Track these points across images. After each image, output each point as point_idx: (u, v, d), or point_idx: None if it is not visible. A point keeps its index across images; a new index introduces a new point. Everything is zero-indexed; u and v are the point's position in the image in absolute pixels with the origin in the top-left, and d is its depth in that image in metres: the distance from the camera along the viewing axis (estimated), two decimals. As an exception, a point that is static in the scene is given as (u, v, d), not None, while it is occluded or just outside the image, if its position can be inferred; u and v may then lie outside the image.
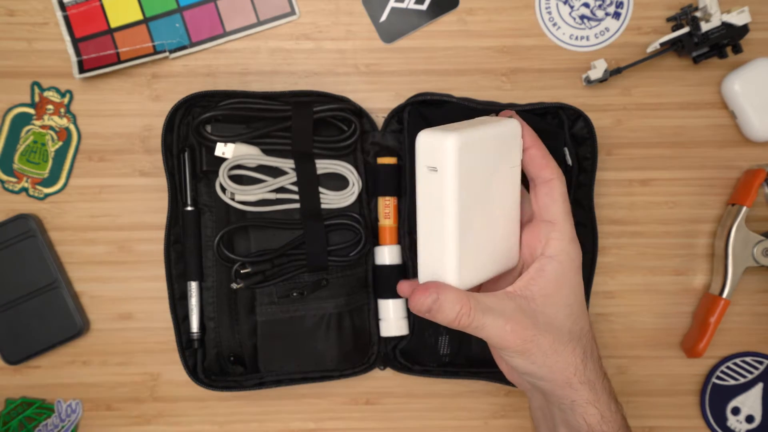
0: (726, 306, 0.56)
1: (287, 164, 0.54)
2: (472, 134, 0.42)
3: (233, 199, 0.53)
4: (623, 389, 0.59)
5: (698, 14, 0.55)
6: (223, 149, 0.53)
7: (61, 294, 0.56)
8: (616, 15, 0.58)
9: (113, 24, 0.56)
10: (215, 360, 0.56)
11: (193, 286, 0.55)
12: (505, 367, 0.51)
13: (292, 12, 0.58)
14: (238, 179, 0.54)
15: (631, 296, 0.59)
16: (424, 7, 0.58)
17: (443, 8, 0.58)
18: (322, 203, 0.54)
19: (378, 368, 0.58)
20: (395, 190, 0.56)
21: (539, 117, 0.54)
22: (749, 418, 0.60)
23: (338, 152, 0.55)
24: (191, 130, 0.54)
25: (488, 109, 0.53)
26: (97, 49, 0.56)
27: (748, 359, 0.59)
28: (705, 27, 0.54)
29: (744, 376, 0.59)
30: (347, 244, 0.55)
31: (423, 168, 0.42)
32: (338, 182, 0.55)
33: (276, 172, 0.54)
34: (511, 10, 0.58)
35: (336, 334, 0.55)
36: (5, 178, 0.58)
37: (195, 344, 0.55)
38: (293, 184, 0.54)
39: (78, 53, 0.56)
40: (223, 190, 0.53)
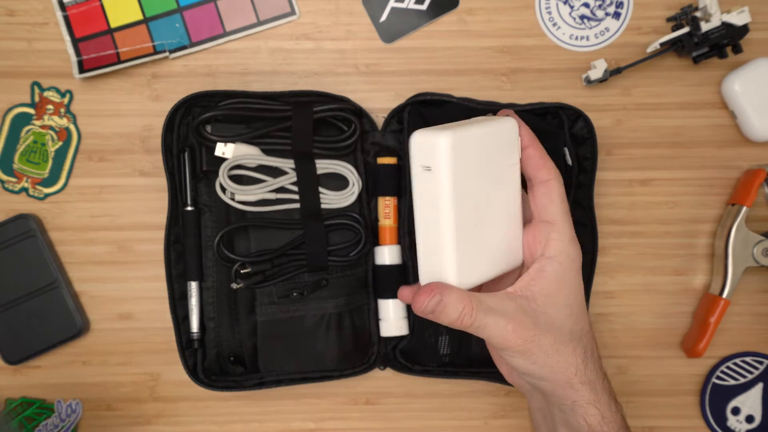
0: (726, 306, 0.56)
1: (287, 164, 0.54)
2: (466, 132, 0.41)
3: (233, 199, 0.53)
4: (623, 389, 0.59)
5: (698, 14, 0.55)
6: (223, 149, 0.53)
7: (61, 294, 0.56)
8: (616, 15, 0.58)
9: (113, 24, 0.56)
10: (215, 360, 0.56)
11: (193, 286, 0.55)
12: (504, 368, 0.51)
13: (292, 12, 0.58)
14: (238, 179, 0.54)
15: (631, 296, 0.59)
16: (424, 7, 0.58)
17: (443, 8, 0.58)
18: (322, 203, 0.54)
19: (378, 368, 0.58)
20: (395, 190, 0.56)
21: (539, 117, 0.54)
22: (749, 418, 0.59)
23: (338, 152, 0.54)
24: (191, 130, 0.54)
25: (488, 109, 0.53)
26: (97, 49, 0.56)
27: (748, 359, 0.59)
28: (705, 27, 0.54)
29: (744, 376, 0.59)
30: (347, 244, 0.55)
31: (418, 168, 0.42)
32: (338, 182, 0.55)
33: (276, 172, 0.54)
34: (511, 10, 0.58)
35: (336, 334, 0.55)
36: (5, 178, 0.58)
37: (195, 344, 0.55)
38: (293, 184, 0.54)
39: (78, 53, 0.56)
40: (223, 190, 0.53)
